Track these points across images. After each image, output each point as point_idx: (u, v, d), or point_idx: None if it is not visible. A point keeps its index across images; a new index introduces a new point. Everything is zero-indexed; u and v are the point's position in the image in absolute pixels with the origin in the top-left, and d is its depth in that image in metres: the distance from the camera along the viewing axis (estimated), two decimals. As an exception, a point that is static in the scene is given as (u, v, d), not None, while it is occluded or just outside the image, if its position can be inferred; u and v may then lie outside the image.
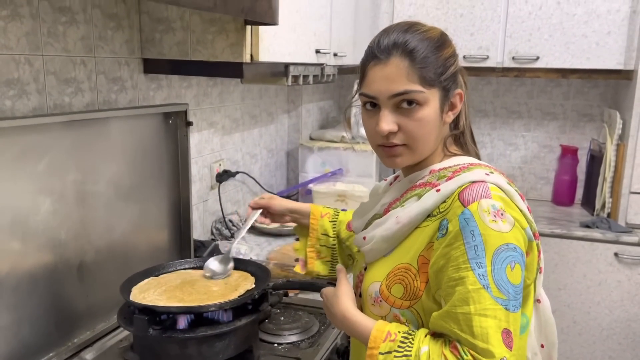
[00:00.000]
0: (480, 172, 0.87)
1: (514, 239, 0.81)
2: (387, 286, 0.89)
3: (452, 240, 0.81)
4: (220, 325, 1.05)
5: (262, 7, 1.21)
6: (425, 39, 0.89)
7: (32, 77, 1.16)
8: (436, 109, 0.89)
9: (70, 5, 1.23)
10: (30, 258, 1.12)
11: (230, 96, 2.02)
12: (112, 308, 1.21)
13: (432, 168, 0.93)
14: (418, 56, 0.87)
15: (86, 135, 1.23)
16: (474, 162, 0.92)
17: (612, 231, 2.28)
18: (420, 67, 0.87)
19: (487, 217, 0.80)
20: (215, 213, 1.97)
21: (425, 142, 0.90)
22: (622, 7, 2.30)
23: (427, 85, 0.87)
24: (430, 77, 0.87)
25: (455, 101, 0.93)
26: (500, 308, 0.78)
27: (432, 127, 0.89)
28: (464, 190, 0.84)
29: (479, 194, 0.82)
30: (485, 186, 0.84)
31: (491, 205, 0.81)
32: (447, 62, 0.90)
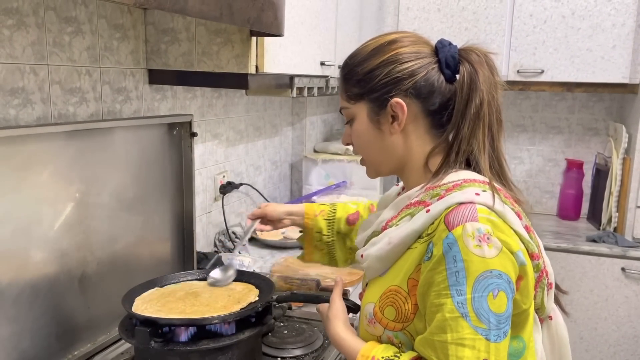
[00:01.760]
0: (471, 191, 0.82)
1: (500, 265, 0.76)
2: (380, 308, 0.87)
3: (435, 265, 0.78)
4: (223, 338, 1.03)
5: (268, 18, 1.21)
6: (357, 53, 0.91)
7: (37, 87, 1.15)
8: (364, 123, 0.90)
9: (76, 15, 1.23)
10: (32, 268, 1.11)
11: (235, 108, 2.02)
12: (114, 320, 1.19)
13: (428, 185, 0.88)
14: (344, 71, 0.92)
15: (90, 146, 1.22)
16: (468, 179, 0.85)
17: (619, 246, 2.26)
18: (345, 82, 0.91)
19: (470, 242, 0.76)
20: (219, 225, 1.96)
21: (371, 155, 0.94)
22: (627, 21, 2.30)
23: (351, 100, 0.91)
24: (353, 91, 0.89)
25: (396, 112, 0.88)
26: (480, 338, 0.74)
27: (369, 140, 0.91)
28: (450, 213, 0.80)
29: (465, 216, 0.78)
30: (472, 208, 0.79)
31: (476, 229, 0.77)
32: (373, 73, 0.88)
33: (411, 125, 0.90)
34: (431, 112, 0.89)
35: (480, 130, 0.86)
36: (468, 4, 2.49)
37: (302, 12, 1.64)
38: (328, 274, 1.74)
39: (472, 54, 0.88)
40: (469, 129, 0.86)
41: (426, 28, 2.53)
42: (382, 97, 0.88)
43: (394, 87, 0.87)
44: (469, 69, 0.86)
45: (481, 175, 0.87)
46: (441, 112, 0.89)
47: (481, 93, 0.85)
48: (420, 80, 0.87)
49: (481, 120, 0.86)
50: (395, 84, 0.87)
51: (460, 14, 2.50)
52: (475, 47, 0.89)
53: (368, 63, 0.89)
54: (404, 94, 0.87)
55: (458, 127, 0.87)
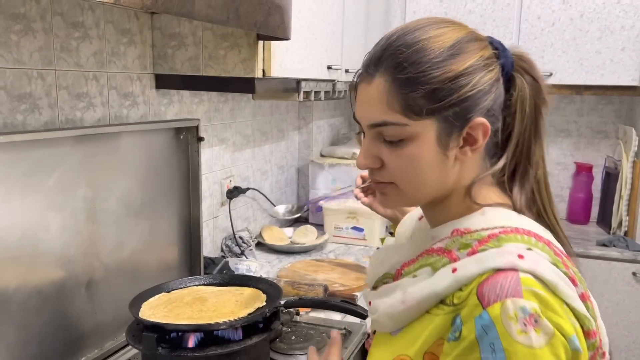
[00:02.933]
0: (513, 249, 0.63)
1: (552, 355, 0.59)
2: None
3: (466, 351, 0.61)
4: (231, 343, 1.02)
5: (275, 22, 1.20)
6: (423, 50, 0.66)
7: (44, 92, 1.15)
8: (431, 146, 0.67)
9: (83, 20, 1.23)
10: (39, 274, 1.10)
11: (242, 112, 2.01)
12: (121, 326, 1.19)
13: (456, 227, 0.70)
14: (403, 75, 0.65)
15: (97, 150, 1.22)
16: (513, 227, 0.67)
17: (630, 250, 2.23)
18: (404, 91, 0.66)
19: (513, 327, 0.58)
20: (226, 230, 1.95)
21: (418, 185, 0.70)
22: (636, 23, 2.28)
23: (413, 116, 0.66)
24: (419, 104, 0.65)
25: (475, 134, 0.68)
26: None
27: (427, 167, 0.68)
28: (484, 283, 0.61)
29: (504, 290, 0.60)
30: (514, 278, 0.60)
31: (520, 308, 0.59)
32: (455, 82, 0.65)
33: (476, 152, 0.70)
34: (493, 133, 0.70)
35: (535, 154, 0.72)
36: (475, 7, 2.48)
37: (309, 16, 1.63)
38: (335, 278, 1.73)
39: (526, 60, 0.72)
40: (524, 153, 0.72)
41: (433, 31, 2.51)
42: (463, 115, 0.66)
43: (478, 102, 0.67)
44: (529, 80, 0.71)
45: (525, 218, 0.69)
46: (496, 134, 0.71)
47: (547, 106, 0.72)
48: (497, 93, 0.69)
49: (537, 142, 0.72)
50: (480, 98, 0.67)
51: (467, 17, 2.49)
52: (525, 52, 0.73)
53: (449, 67, 0.65)
54: (485, 112, 0.68)
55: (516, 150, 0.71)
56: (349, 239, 2.20)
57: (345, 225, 2.21)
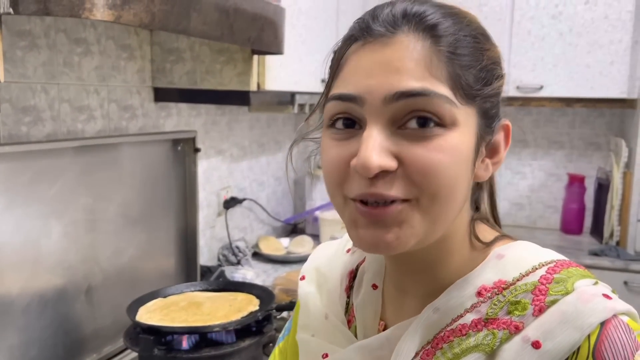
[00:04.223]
0: (591, 289, 0.48)
1: None
2: None
3: None
4: (224, 346, 1.06)
5: (268, 37, 1.26)
6: (461, 22, 0.50)
7: (48, 105, 1.21)
8: (470, 141, 0.49)
9: (86, 36, 1.29)
10: (41, 279, 1.15)
11: (239, 125, 2.07)
12: (119, 331, 1.22)
13: (478, 284, 0.51)
14: (448, 40, 0.48)
15: (97, 161, 1.27)
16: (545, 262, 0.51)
17: (621, 259, 2.27)
18: (453, 58, 0.47)
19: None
20: (222, 239, 1.99)
21: (450, 201, 0.48)
22: (624, 37, 2.34)
23: (462, 96, 0.48)
24: (469, 82, 0.48)
25: (498, 140, 0.53)
26: None
27: (463, 172, 0.48)
28: (600, 345, 0.45)
29: (628, 345, 0.45)
30: (624, 326, 0.46)
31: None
32: (494, 69, 0.51)
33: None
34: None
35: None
36: (467, 22, 2.53)
37: (303, 31, 1.69)
38: (330, 287, 1.76)
39: None
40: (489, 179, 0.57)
41: (426, 46, 2.58)
42: (495, 114, 0.52)
43: (500, 104, 0.53)
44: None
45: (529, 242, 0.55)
46: None
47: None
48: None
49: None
50: (499, 97, 0.53)
51: (459, 32, 2.54)
52: None
53: (493, 49, 0.52)
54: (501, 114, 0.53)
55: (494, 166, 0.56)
56: (345, 248, 2.24)
57: (341, 236, 2.25)
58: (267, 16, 1.23)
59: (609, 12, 2.35)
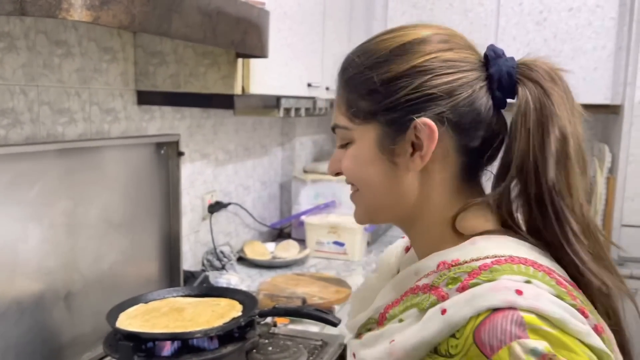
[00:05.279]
0: (510, 284, 0.53)
1: None
2: None
3: None
4: (206, 352, 1.05)
5: (252, 41, 1.25)
6: (369, 50, 0.63)
7: (27, 107, 1.18)
8: (371, 151, 0.63)
9: (66, 38, 1.27)
10: (18, 286, 1.12)
11: (224, 128, 2.05)
12: (99, 338, 1.20)
13: (442, 259, 0.61)
14: (347, 74, 0.65)
15: (78, 165, 1.25)
16: (503, 257, 0.57)
17: (605, 264, 2.28)
18: (347, 90, 0.65)
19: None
20: (207, 244, 1.97)
21: (369, 194, 0.66)
22: (607, 44, 2.36)
23: (355, 119, 0.63)
24: (360, 106, 0.63)
25: (419, 135, 0.61)
26: None
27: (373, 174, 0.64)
28: (481, 327, 0.52)
29: (507, 332, 0.50)
30: (516, 318, 0.51)
31: (531, 350, 0.49)
32: (397, 83, 0.60)
33: (437, 165, 0.63)
34: (469, 150, 0.63)
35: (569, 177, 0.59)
36: (453, 27, 2.54)
37: (288, 35, 1.69)
38: (315, 292, 1.75)
39: (538, 69, 0.62)
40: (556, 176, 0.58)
41: (413, 51, 2.59)
42: (405, 119, 0.61)
43: (423, 107, 0.60)
44: (534, 92, 0.60)
45: (523, 243, 0.60)
46: (482, 152, 0.64)
47: (559, 121, 0.59)
48: (462, 103, 0.61)
49: (570, 162, 0.59)
50: (427, 102, 0.60)
51: (445, 37, 2.56)
52: (543, 61, 0.63)
53: (389, 67, 0.61)
54: (437, 117, 0.60)
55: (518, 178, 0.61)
56: (330, 253, 2.23)
57: (327, 240, 2.24)
58: (251, 19, 1.22)
59: (593, 18, 2.37)
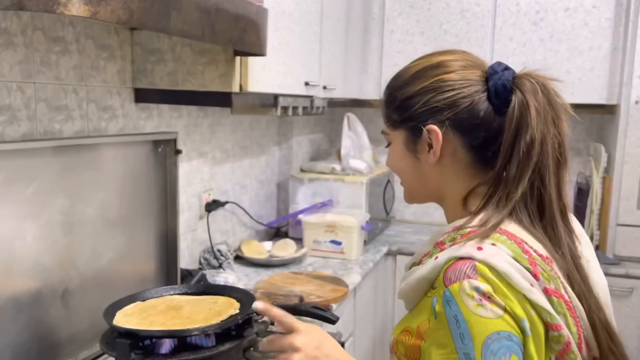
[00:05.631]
0: (472, 244, 0.73)
1: (507, 326, 0.68)
2: (396, 342, 0.82)
3: (439, 325, 0.71)
4: (203, 350, 1.04)
5: (251, 38, 1.25)
6: (399, 76, 0.86)
7: (24, 104, 1.18)
8: (400, 147, 0.87)
9: (64, 35, 1.27)
10: (15, 283, 1.12)
11: (221, 127, 2.05)
12: (96, 336, 1.19)
13: (455, 225, 0.81)
14: (385, 95, 0.88)
15: (75, 162, 1.24)
16: (482, 230, 0.76)
17: (601, 263, 2.28)
18: (385, 107, 0.88)
19: (470, 302, 0.68)
20: (204, 243, 1.97)
21: (407, 181, 0.90)
22: (603, 44, 2.37)
23: (391, 127, 0.87)
24: (392, 117, 0.86)
25: (431, 138, 0.82)
26: None
27: (405, 167, 0.87)
28: (449, 267, 0.72)
29: (462, 273, 0.70)
30: (471, 265, 0.71)
31: (475, 287, 0.69)
32: (412, 100, 0.82)
33: (449, 159, 0.82)
34: (474, 147, 0.81)
35: (529, 171, 0.76)
36: (450, 27, 2.56)
37: (287, 33, 1.69)
38: (312, 290, 1.75)
39: (526, 82, 0.79)
40: (516, 171, 0.76)
41: (410, 50, 2.59)
42: (419, 126, 0.82)
43: (430, 117, 0.81)
44: (520, 100, 0.77)
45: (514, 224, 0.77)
46: (487, 147, 0.80)
47: (533, 129, 0.76)
48: (462, 111, 0.79)
49: (531, 160, 0.76)
50: (433, 114, 0.81)
51: (442, 37, 2.57)
52: (532, 74, 0.81)
53: (408, 89, 0.83)
54: (441, 124, 0.81)
55: (504, 167, 0.78)
56: (328, 252, 2.23)
57: (324, 239, 2.24)
58: (249, 17, 1.22)
59: (589, 19, 2.38)
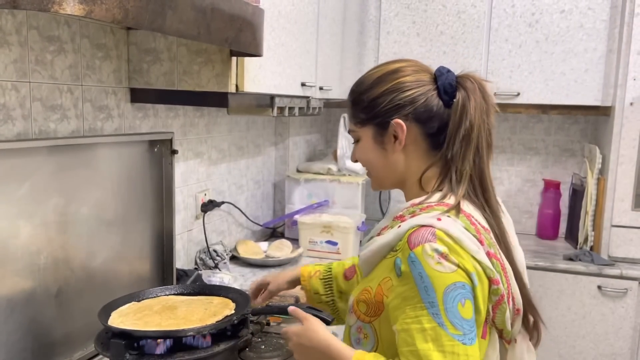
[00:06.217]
0: (433, 214, 0.89)
1: (461, 278, 0.85)
2: (357, 302, 0.97)
3: (405, 281, 0.86)
4: (199, 350, 1.04)
5: (247, 38, 1.25)
6: (360, 83, 1.01)
7: (18, 103, 1.18)
8: (369, 142, 1.00)
9: (59, 34, 1.26)
10: (8, 282, 1.11)
11: (217, 127, 2.05)
12: (91, 336, 1.19)
13: (412, 202, 0.98)
14: (351, 98, 1.02)
15: (70, 162, 1.24)
16: (444, 202, 0.93)
17: (595, 264, 2.30)
18: (352, 108, 1.01)
19: (431, 260, 0.84)
20: (200, 243, 1.97)
21: (375, 171, 1.03)
22: (598, 46, 2.38)
23: (357, 124, 1.01)
24: (360, 117, 1.00)
25: (396, 131, 0.97)
26: (458, 343, 0.82)
27: (374, 158, 1.01)
28: (412, 233, 0.87)
29: (424, 238, 0.86)
30: (431, 231, 0.86)
31: (434, 249, 0.84)
32: (377, 100, 0.97)
33: (411, 146, 0.98)
34: (430, 135, 0.97)
35: (470, 152, 0.94)
36: (446, 29, 2.56)
37: (283, 34, 1.69)
38: (308, 291, 1.75)
39: (467, 81, 0.95)
40: (460, 151, 0.94)
41: (406, 51, 2.60)
42: (385, 121, 0.97)
43: (395, 113, 0.96)
44: (463, 95, 0.94)
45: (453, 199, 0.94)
46: (439, 134, 0.96)
47: (471, 117, 0.93)
48: (420, 106, 0.96)
49: (471, 143, 0.93)
50: (397, 110, 0.96)
51: (438, 38, 2.57)
52: (471, 75, 0.97)
53: (373, 91, 0.98)
54: (405, 117, 0.96)
55: (450, 148, 0.94)
56: (323, 252, 2.23)
57: (320, 239, 2.24)
58: (245, 17, 1.22)
59: (584, 21, 2.39)
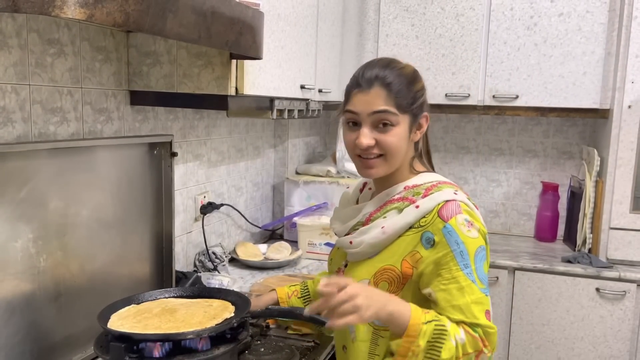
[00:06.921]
0: (450, 191, 1.09)
1: (483, 242, 1.06)
2: (375, 283, 1.09)
3: (439, 249, 1.04)
4: (198, 353, 1.04)
5: (247, 42, 1.25)
6: (400, 75, 1.11)
7: (18, 106, 1.18)
8: (406, 130, 1.11)
9: (59, 37, 1.26)
10: (8, 285, 1.11)
11: (217, 130, 2.05)
12: (90, 339, 1.19)
13: (405, 184, 1.13)
14: (394, 88, 1.09)
15: (70, 164, 1.24)
16: (441, 181, 1.13)
17: (593, 266, 2.30)
18: (395, 97, 1.09)
19: (464, 229, 1.04)
20: (199, 245, 1.97)
21: (397, 155, 1.11)
22: (596, 49, 2.39)
23: (400, 111, 1.09)
24: (403, 105, 1.09)
25: (422, 122, 1.14)
26: (484, 295, 1.03)
27: (403, 143, 1.11)
28: (442, 208, 1.06)
29: (454, 210, 1.05)
30: (456, 204, 1.06)
31: (464, 219, 1.05)
32: (417, 95, 1.12)
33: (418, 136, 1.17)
34: None
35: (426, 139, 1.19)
36: (445, 31, 2.57)
37: (282, 37, 1.69)
38: (307, 293, 1.75)
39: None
40: (426, 141, 1.19)
41: (405, 54, 2.60)
42: (417, 112, 1.12)
43: (426, 108, 1.15)
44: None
45: (441, 176, 1.16)
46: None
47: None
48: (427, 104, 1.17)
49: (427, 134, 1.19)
50: (423, 104, 1.14)
51: (437, 41, 2.58)
52: None
53: (415, 86, 1.11)
54: (424, 110, 1.15)
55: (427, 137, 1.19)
56: (323, 254, 2.23)
57: (319, 241, 2.25)
58: (245, 20, 1.23)
59: (583, 24, 2.40)
